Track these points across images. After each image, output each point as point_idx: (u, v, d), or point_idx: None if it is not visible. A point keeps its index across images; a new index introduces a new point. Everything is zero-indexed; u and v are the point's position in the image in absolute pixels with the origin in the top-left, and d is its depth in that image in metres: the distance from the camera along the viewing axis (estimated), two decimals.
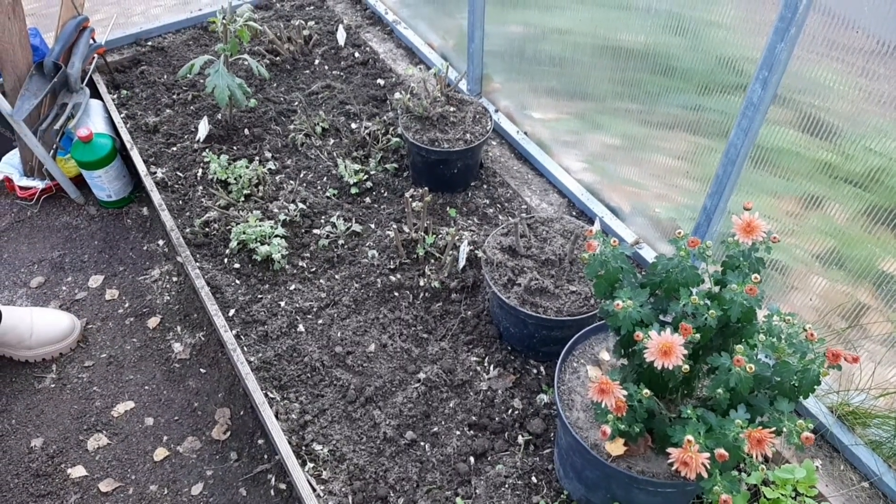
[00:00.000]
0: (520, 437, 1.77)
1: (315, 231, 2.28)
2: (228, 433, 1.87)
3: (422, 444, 1.77)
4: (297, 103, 2.74)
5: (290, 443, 1.72)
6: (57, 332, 2.00)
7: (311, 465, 1.72)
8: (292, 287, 2.12)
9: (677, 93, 1.83)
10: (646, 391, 1.23)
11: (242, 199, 2.36)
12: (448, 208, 2.36)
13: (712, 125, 1.77)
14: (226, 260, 2.19)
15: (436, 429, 1.79)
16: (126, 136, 2.50)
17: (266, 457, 1.82)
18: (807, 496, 1.47)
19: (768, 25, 1.45)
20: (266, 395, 1.83)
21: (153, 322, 2.13)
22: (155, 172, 2.45)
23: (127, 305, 2.18)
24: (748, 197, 1.74)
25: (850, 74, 1.41)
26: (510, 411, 1.82)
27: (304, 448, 1.75)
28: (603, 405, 1.21)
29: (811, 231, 1.64)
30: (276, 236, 2.19)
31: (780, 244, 1.25)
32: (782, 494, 1.48)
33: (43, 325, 1.99)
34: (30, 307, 2.06)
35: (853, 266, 1.59)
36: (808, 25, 1.40)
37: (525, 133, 2.59)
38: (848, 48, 1.39)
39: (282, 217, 2.25)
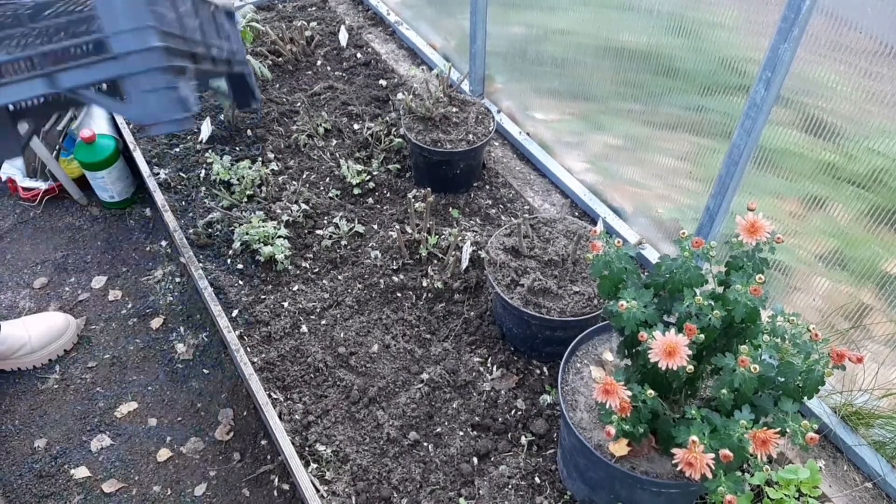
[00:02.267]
0: (523, 438, 1.77)
1: (318, 232, 2.28)
2: (231, 434, 1.87)
3: (425, 444, 1.77)
4: (299, 104, 2.74)
5: (293, 443, 1.72)
6: (53, 329, 2.01)
7: (315, 465, 1.72)
8: (295, 288, 2.12)
9: (680, 93, 1.83)
10: (650, 392, 1.23)
11: (245, 199, 2.36)
12: (451, 209, 2.36)
13: (715, 126, 1.77)
14: (229, 261, 2.20)
15: (439, 429, 1.80)
16: (129, 137, 2.50)
17: (269, 457, 1.82)
18: (810, 496, 1.48)
19: (770, 26, 1.46)
20: (269, 396, 1.83)
21: (156, 323, 2.13)
22: (158, 173, 2.45)
23: (130, 306, 2.18)
24: (751, 198, 1.74)
25: (852, 75, 1.41)
26: (513, 412, 1.83)
27: (307, 449, 1.75)
28: (607, 406, 1.21)
29: (814, 232, 1.64)
30: (279, 237, 2.19)
31: (782, 245, 1.26)
32: (786, 495, 1.48)
33: (37, 325, 2.00)
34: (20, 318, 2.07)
35: (856, 267, 1.59)
36: (811, 26, 1.40)
37: (527, 134, 2.59)
38: (851, 49, 1.39)
39: (285, 218, 2.25)
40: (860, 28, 1.36)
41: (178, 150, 2.55)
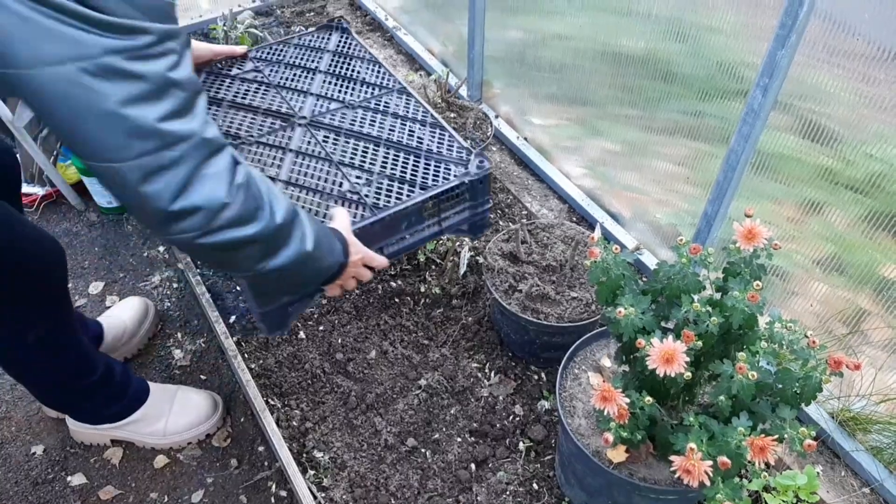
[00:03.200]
0: (521, 444, 1.76)
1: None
2: (229, 440, 1.86)
3: (423, 451, 1.76)
4: None
5: (290, 450, 1.72)
6: (139, 311, 2.03)
7: (312, 472, 1.72)
8: None
9: (677, 98, 1.83)
10: (648, 398, 1.22)
11: None
12: None
13: (712, 131, 1.77)
14: None
15: (437, 436, 1.79)
16: None
17: (266, 464, 1.81)
18: (808, 502, 1.47)
19: (768, 31, 1.46)
20: (267, 402, 1.82)
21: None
22: None
23: None
24: (749, 203, 1.74)
25: (850, 80, 1.41)
26: (511, 418, 1.82)
27: (304, 455, 1.75)
28: (605, 413, 1.21)
29: (812, 236, 1.64)
30: None
31: (780, 250, 1.25)
32: (784, 501, 1.47)
33: (123, 311, 2.00)
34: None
35: (854, 272, 1.59)
36: (808, 32, 1.40)
37: (525, 139, 2.59)
38: (848, 54, 1.39)
39: None
40: (858, 33, 1.36)
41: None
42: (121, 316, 1.98)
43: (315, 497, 1.65)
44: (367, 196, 1.58)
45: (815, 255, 1.65)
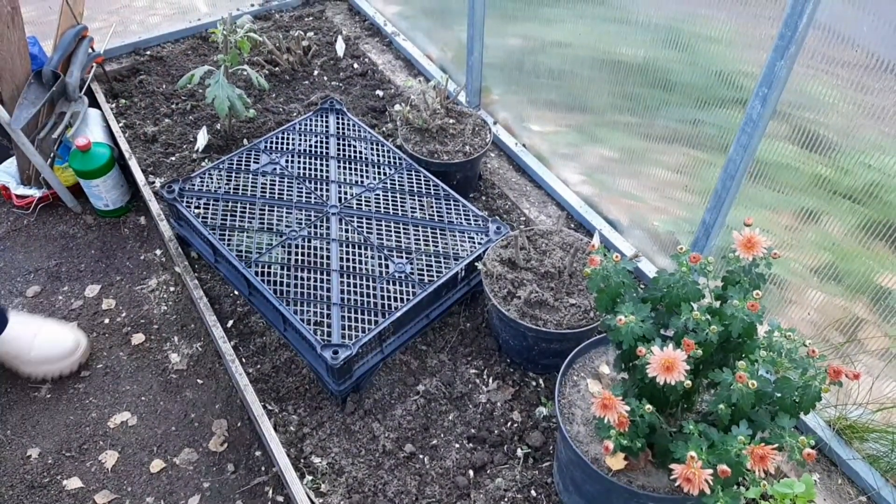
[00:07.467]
0: (519, 451, 1.76)
1: (314, 242, 2.27)
2: (226, 445, 1.86)
3: (421, 456, 1.76)
4: (296, 114, 2.74)
5: (288, 455, 1.72)
6: (58, 350, 1.96)
7: (310, 477, 1.71)
8: None
9: (676, 107, 1.84)
10: (648, 406, 1.23)
11: None
12: None
13: (711, 139, 1.78)
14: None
15: (435, 441, 1.79)
16: (124, 146, 2.49)
17: (264, 469, 1.81)
18: None
19: (767, 41, 1.47)
20: (265, 407, 1.82)
21: (150, 332, 2.12)
22: (153, 182, 2.45)
23: (124, 315, 2.16)
24: (746, 211, 1.75)
25: (847, 90, 1.42)
26: (509, 424, 1.82)
27: (302, 461, 1.74)
28: (605, 420, 1.21)
29: (808, 245, 1.65)
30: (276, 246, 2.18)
31: (777, 258, 1.26)
32: None
33: (44, 341, 1.95)
34: (40, 319, 2.02)
35: (850, 280, 1.60)
36: (807, 42, 1.42)
37: (524, 145, 2.59)
38: (846, 64, 1.40)
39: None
40: (856, 44, 1.37)
41: (173, 158, 2.55)
42: (34, 341, 1.95)
43: (312, 502, 1.65)
44: (412, 274, 1.87)
45: (812, 263, 1.66)
